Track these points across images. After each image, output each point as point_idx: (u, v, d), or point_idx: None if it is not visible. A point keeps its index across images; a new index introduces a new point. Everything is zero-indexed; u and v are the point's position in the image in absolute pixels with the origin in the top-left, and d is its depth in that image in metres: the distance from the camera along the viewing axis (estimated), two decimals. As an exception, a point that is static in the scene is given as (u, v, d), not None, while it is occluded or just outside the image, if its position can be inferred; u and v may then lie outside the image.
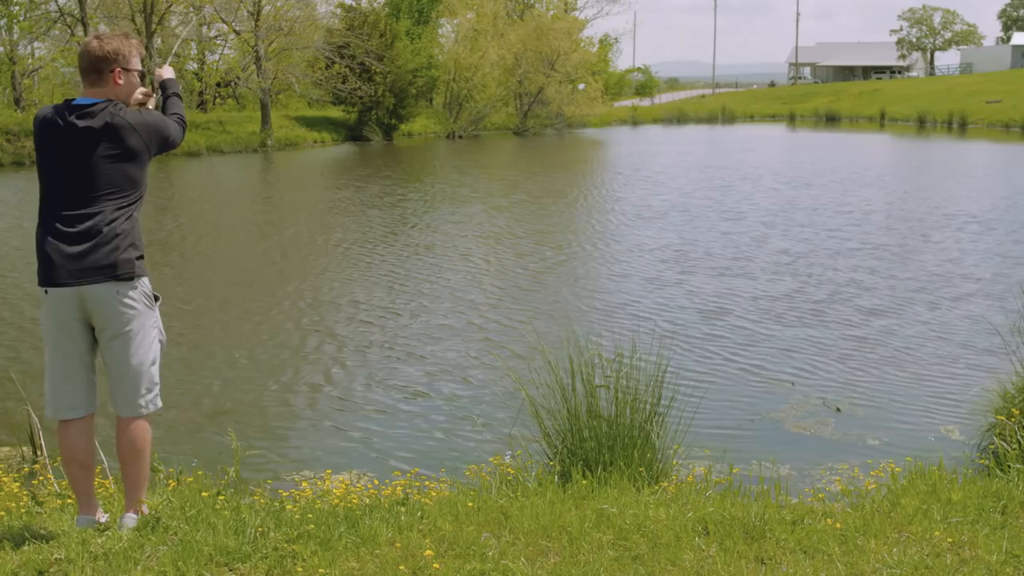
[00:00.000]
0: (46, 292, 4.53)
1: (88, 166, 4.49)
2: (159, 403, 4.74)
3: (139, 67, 4.69)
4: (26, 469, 6.98)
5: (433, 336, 11.85)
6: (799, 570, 4.12)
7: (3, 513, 5.16)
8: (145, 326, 4.60)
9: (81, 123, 4.48)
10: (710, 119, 73.50)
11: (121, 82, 4.61)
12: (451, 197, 26.84)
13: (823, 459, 7.83)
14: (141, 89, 4.78)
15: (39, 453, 7.44)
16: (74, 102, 4.56)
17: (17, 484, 5.91)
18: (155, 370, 4.69)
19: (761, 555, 4.29)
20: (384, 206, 24.62)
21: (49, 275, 4.50)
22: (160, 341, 4.73)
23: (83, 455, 4.69)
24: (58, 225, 4.50)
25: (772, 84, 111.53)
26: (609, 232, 20.23)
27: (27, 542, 4.48)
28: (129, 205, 4.57)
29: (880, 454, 7.76)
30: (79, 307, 4.51)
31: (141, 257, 4.60)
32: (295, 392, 9.84)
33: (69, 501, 5.14)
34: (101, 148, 4.49)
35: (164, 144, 4.73)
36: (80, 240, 4.47)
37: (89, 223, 4.47)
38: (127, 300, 4.52)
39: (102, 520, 4.70)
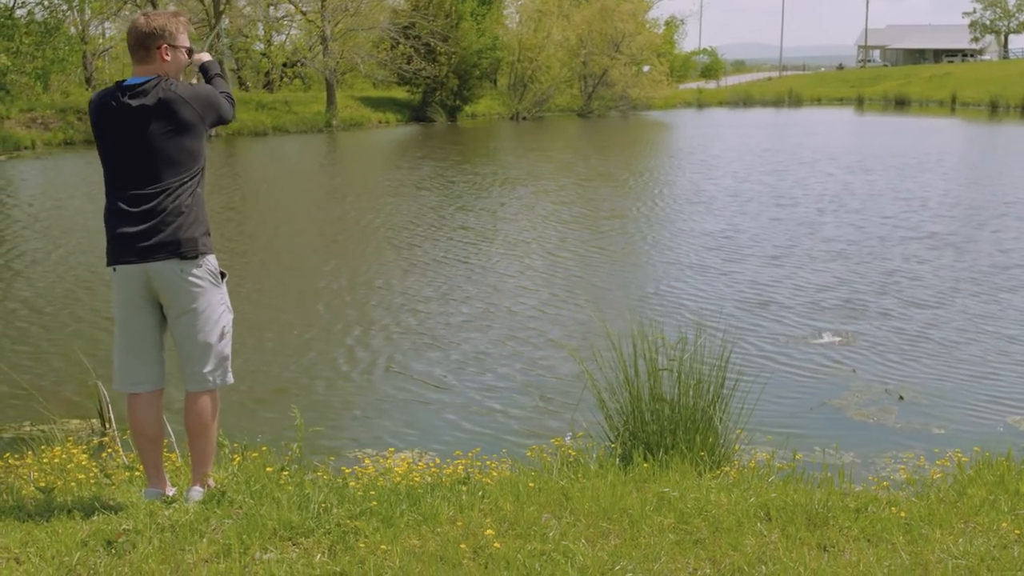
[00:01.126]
0: (114, 270, 4.62)
1: (146, 145, 4.53)
2: (230, 378, 4.78)
3: (186, 44, 4.71)
4: (95, 441, 7.11)
5: (493, 318, 11.88)
6: (862, 558, 4.08)
7: (73, 484, 5.27)
8: (212, 302, 4.65)
9: (134, 102, 4.52)
10: (776, 102, 72.65)
11: (168, 58, 4.62)
12: (507, 179, 26.83)
13: (887, 447, 7.74)
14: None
15: (108, 426, 7.59)
16: (124, 83, 4.59)
17: (86, 456, 6.03)
18: (224, 345, 4.73)
19: (824, 542, 4.25)
20: (440, 187, 24.68)
21: (116, 254, 4.58)
22: (229, 318, 4.77)
23: (151, 429, 4.76)
24: (122, 205, 4.57)
25: (840, 67, 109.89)
26: (659, 216, 20.14)
27: (96, 513, 4.57)
28: (190, 180, 4.60)
29: (945, 443, 7.64)
30: (145, 285, 4.58)
31: (206, 234, 4.62)
32: (357, 370, 9.93)
33: (137, 473, 5.23)
34: (157, 125, 4.52)
35: (217, 117, 4.73)
36: (144, 219, 4.52)
37: (152, 202, 4.52)
38: (191, 278, 4.56)
39: (169, 493, 4.78)
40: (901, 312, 11.99)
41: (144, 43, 4.59)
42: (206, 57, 4.98)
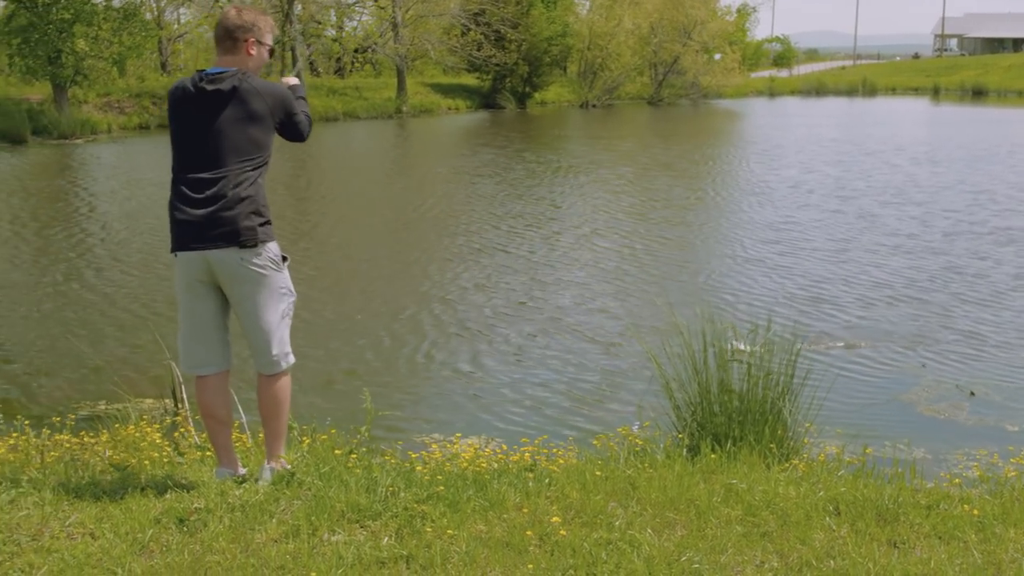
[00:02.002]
0: (176, 256, 4.70)
1: (214, 129, 4.61)
2: (291, 359, 4.85)
3: (271, 43, 4.83)
4: (168, 421, 7.23)
5: (559, 305, 11.87)
6: (933, 555, 4.02)
7: (147, 462, 5.37)
8: (271, 288, 4.69)
9: (210, 87, 4.61)
10: (850, 91, 71.59)
11: (253, 52, 4.74)
12: (574, 167, 26.77)
13: (959, 444, 7.61)
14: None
15: (180, 406, 7.72)
16: (205, 71, 4.69)
17: (159, 435, 6.14)
18: (284, 329, 4.79)
19: (894, 538, 4.20)
20: (503, 174, 24.70)
21: (178, 240, 4.66)
22: (289, 301, 4.81)
23: (218, 410, 4.85)
24: (185, 190, 4.65)
25: (916, 56, 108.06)
26: (720, 206, 19.95)
27: (169, 491, 4.65)
28: (253, 170, 4.65)
29: (1020, 441, 7.50)
30: (206, 270, 4.65)
31: (267, 223, 4.66)
32: (424, 356, 9.98)
33: (208, 453, 5.31)
34: (227, 111, 4.61)
35: (289, 120, 4.78)
36: (205, 205, 4.58)
37: (214, 188, 4.59)
38: (251, 266, 4.61)
39: (240, 473, 4.86)
40: (968, 308, 11.76)
41: (233, 34, 4.71)
42: (293, 81, 5.06)
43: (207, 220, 4.57)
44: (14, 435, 6.37)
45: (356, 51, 57.12)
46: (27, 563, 3.89)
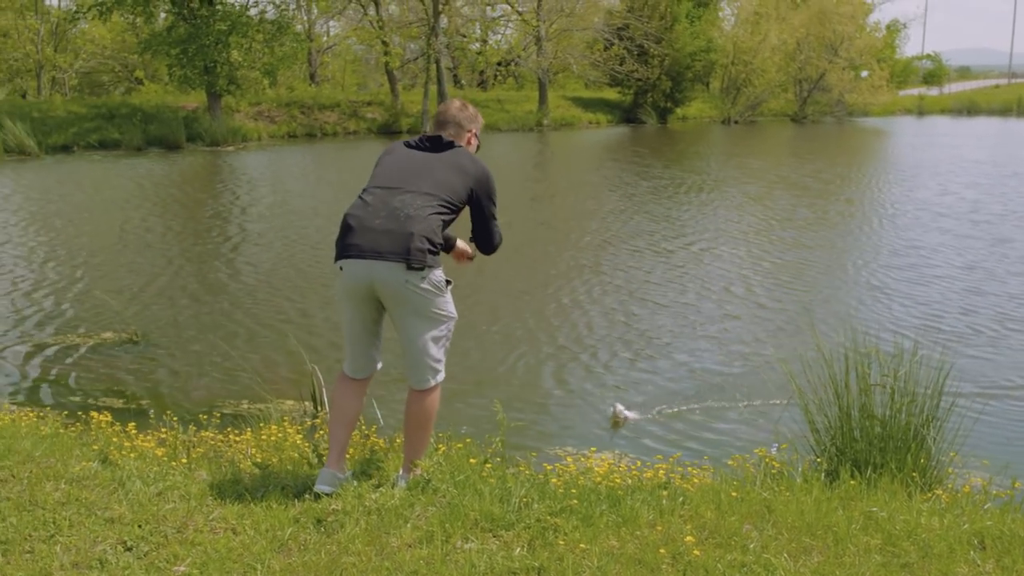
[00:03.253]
0: (340, 267, 4.78)
1: (424, 163, 4.89)
2: (441, 376, 4.95)
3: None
4: (308, 423, 7.40)
5: (697, 323, 11.75)
6: (1086, 597, 3.86)
7: (288, 462, 5.51)
8: (431, 309, 4.76)
9: (432, 144, 5.01)
10: (1004, 111, 69.05)
11: (474, 142, 5.24)
12: (715, 183, 26.47)
13: (1116, 481, 7.26)
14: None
15: (320, 408, 7.90)
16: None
17: (300, 436, 6.29)
18: (440, 348, 4.90)
19: (1043, 577, 4.04)
20: (640, 188, 24.57)
21: (346, 248, 4.72)
22: (449, 323, 4.91)
23: (348, 414, 4.98)
24: (367, 199, 4.76)
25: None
26: (859, 227, 19.39)
27: (308, 492, 4.76)
28: (440, 209, 4.80)
29: None
30: (369, 283, 4.70)
31: (436, 252, 4.75)
32: (556, 367, 9.99)
33: (347, 455, 5.42)
34: (443, 158, 4.93)
35: (484, 209, 5.09)
36: (383, 217, 4.67)
37: (398, 202, 4.70)
38: (412, 288, 4.66)
39: (341, 478, 4.90)
40: None
41: (460, 123, 5.18)
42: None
43: (381, 233, 4.66)
44: (163, 430, 6.62)
45: (499, 64, 57.72)
46: (172, 554, 4.03)
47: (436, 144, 4.99)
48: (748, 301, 12.89)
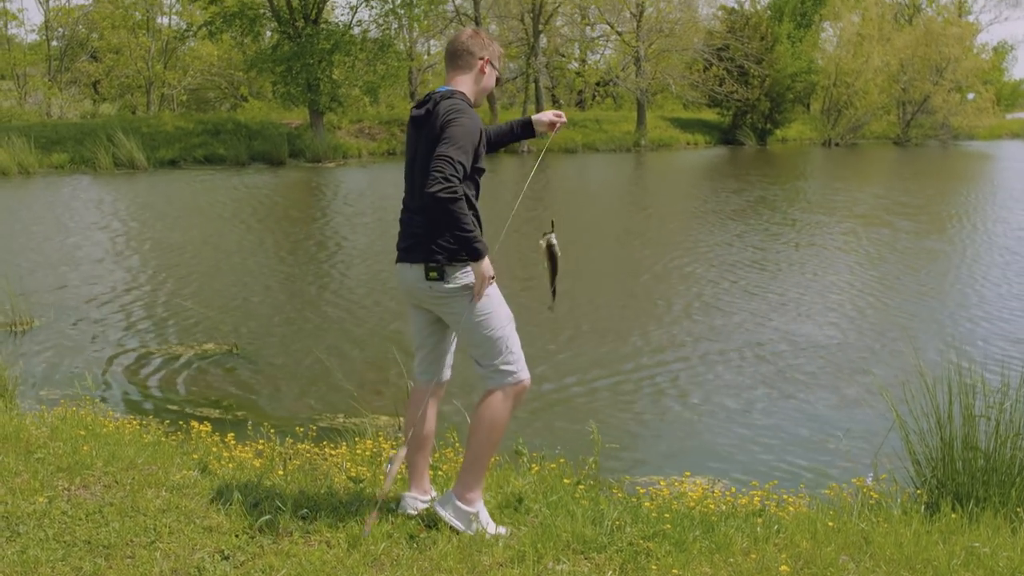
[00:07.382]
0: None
1: (415, 151, 4.56)
2: (511, 380, 4.50)
3: (499, 71, 4.74)
4: (402, 439, 7.44)
5: (795, 348, 11.58)
6: None
7: (381, 477, 5.55)
8: (463, 311, 4.48)
9: (414, 112, 4.59)
10: (1117, 135, 67.10)
11: (487, 72, 4.65)
12: (817, 206, 26.09)
13: None
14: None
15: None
16: (429, 93, 4.67)
17: (394, 452, 6.32)
18: (492, 347, 4.49)
19: None
20: (736, 212, 24.32)
21: (398, 252, 4.67)
22: (495, 321, 4.50)
23: (418, 435, 4.76)
24: (403, 208, 4.69)
25: None
26: (970, 257, 18.89)
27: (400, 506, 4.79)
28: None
29: None
30: (404, 287, 4.66)
31: (451, 252, 4.42)
32: (654, 391, 9.92)
33: (440, 472, 5.45)
34: (423, 136, 4.49)
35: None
36: (407, 223, 4.60)
37: (413, 209, 4.57)
38: (433, 290, 4.50)
39: (423, 501, 4.73)
40: None
41: (470, 50, 4.63)
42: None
43: (406, 237, 4.58)
44: (261, 441, 6.73)
45: (598, 84, 57.83)
46: (268, 565, 4.09)
47: (417, 123, 4.54)
48: (850, 328, 12.66)
